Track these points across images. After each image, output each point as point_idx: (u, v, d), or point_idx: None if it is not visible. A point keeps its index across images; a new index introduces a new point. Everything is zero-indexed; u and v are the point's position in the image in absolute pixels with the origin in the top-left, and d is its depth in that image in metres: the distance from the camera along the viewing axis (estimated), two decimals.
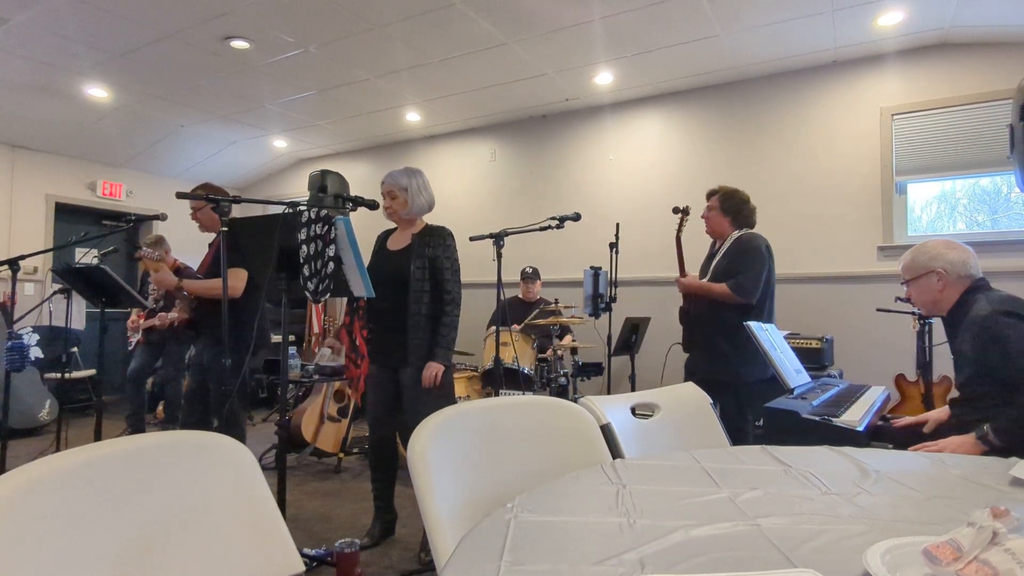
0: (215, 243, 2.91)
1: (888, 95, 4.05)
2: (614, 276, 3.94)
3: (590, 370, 4.40)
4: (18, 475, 0.75)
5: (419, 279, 2.50)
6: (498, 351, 2.91)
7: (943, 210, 4.11)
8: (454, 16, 3.61)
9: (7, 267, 2.99)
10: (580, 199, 5.16)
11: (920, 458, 1.23)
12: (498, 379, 3.06)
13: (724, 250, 2.90)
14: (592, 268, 3.91)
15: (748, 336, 2.38)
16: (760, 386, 2.67)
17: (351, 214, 4.86)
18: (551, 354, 4.01)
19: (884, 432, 2.14)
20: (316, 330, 6.11)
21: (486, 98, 5.02)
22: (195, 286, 2.78)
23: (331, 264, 2.04)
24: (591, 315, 3.91)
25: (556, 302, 4.25)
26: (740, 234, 2.90)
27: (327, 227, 2.04)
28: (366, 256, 2.35)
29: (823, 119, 4.25)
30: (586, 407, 1.38)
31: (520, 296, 4.77)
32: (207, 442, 0.95)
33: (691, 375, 2.91)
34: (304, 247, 2.05)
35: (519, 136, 5.59)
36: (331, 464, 3.94)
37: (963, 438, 1.72)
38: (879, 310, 3.53)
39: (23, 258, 3.02)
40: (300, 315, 6.15)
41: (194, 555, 0.86)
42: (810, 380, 2.57)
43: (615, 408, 1.47)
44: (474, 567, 0.69)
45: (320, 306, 6.00)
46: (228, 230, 2.19)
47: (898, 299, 3.16)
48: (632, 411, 1.54)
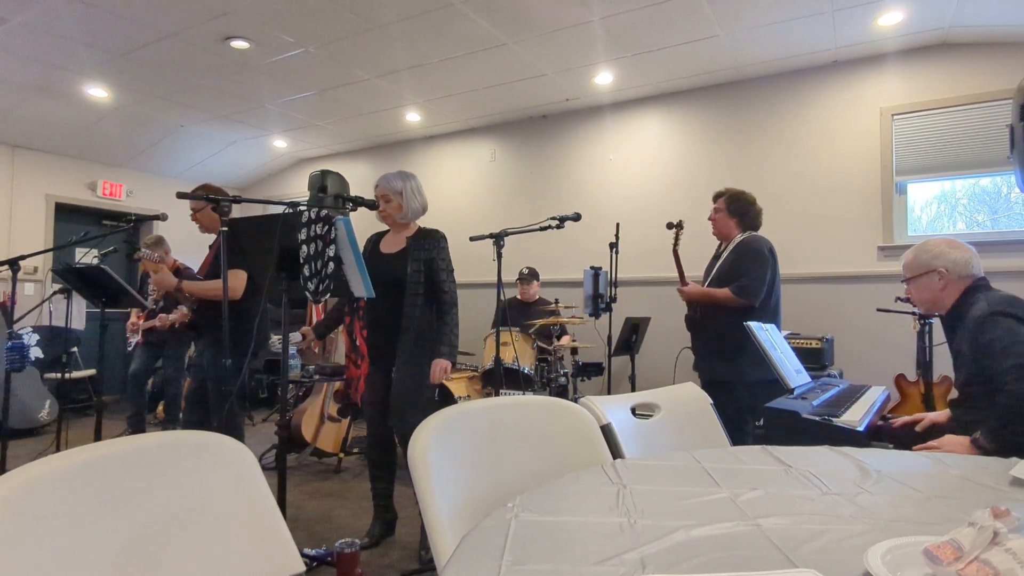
0: (215, 244, 2.91)
1: (888, 95, 4.05)
2: (614, 276, 3.94)
3: (590, 370, 4.40)
4: (18, 475, 0.75)
5: (415, 282, 2.51)
6: (498, 351, 2.91)
7: (943, 210, 4.11)
8: (454, 16, 3.61)
9: (7, 267, 2.99)
10: (580, 199, 5.16)
11: (920, 458, 1.23)
12: (498, 379, 3.06)
13: (728, 253, 2.92)
14: (592, 268, 3.91)
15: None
16: (763, 387, 2.67)
17: (351, 214, 4.87)
18: (553, 353, 4.02)
19: (884, 432, 2.14)
20: None
21: (486, 98, 5.02)
22: (195, 287, 2.78)
23: (331, 264, 2.04)
24: (591, 315, 3.91)
25: (556, 302, 4.25)
26: (743, 237, 2.92)
27: (327, 227, 2.04)
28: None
29: (823, 119, 4.25)
30: (586, 407, 1.38)
31: (519, 296, 4.77)
32: (207, 442, 0.95)
33: (702, 378, 2.93)
34: (304, 247, 2.05)
35: (519, 136, 5.59)
36: (331, 464, 3.94)
37: (960, 439, 1.72)
38: (879, 310, 3.53)
39: (23, 258, 3.02)
40: (300, 315, 6.15)
41: (194, 555, 0.86)
42: (810, 380, 2.57)
43: (615, 408, 1.47)
44: (475, 567, 0.69)
45: (320, 306, 6.00)
46: (228, 230, 2.19)
47: (898, 299, 3.16)
48: (632, 411, 1.54)
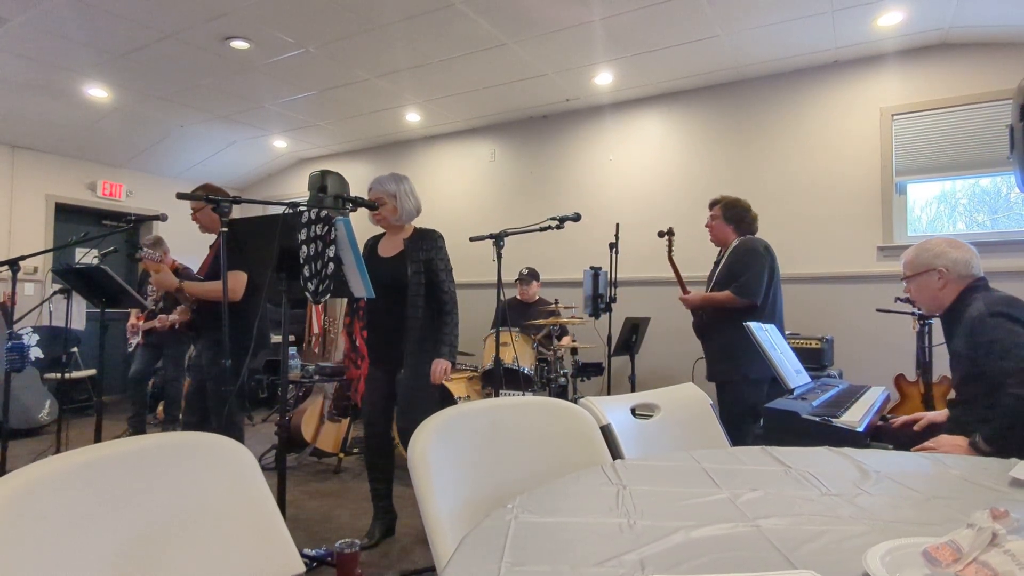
0: (215, 244, 2.91)
1: (888, 95, 4.05)
2: (614, 276, 3.94)
3: (590, 370, 4.40)
4: (18, 476, 0.75)
5: (416, 283, 2.51)
6: (498, 351, 2.91)
7: (943, 210, 4.11)
8: (454, 16, 3.61)
9: (7, 267, 2.99)
10: (580, 199, 5.16)
11: (920, 459, 1.23)
12: (498, 379, 3.06)
13: (725, 257, 2.99)
14: (592, 268, 3.91)
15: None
16: (772, 386, 2.69)
17: (351, 214, 4.86)
18: (552, 353, 4.01)
19: (884, 432, 2.14)
20: (316, 330, 6.12)
21: (486, 98, 5.02)
22: (195, 288, 2.78)
23: (331, 265, 2.04)
24: (591, 315, 3.91)
25: (556, 302, 4.25)
26: (738, 240, 2.99)
27: (327, 227, 2.04)
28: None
29: (823, 119, 4.25)
30: (586, 407, 1.38)
31: (519, 297, 4.77)
32: (207, 443, 0.95)
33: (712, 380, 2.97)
34: (304, 248, 2.05)
35: (519, 136, 5.59)
36: (331, 464, 3.94)
37: (956, 439, 1.72)
38: (879, 310, 3.53)
39: (23, 258, 3.02)
40: (300, 315, 6.16)
41: (194, 555, 0.87)
42: (810, 380, 2.57)
43: (615, 408, 1.47)
44: (475, 568, 0.69)
45: (320, 307, 6.01)
46: (228, 231, 2.19)
47: (898, 299, 3.17)
48: (632, 412, 1.54)
